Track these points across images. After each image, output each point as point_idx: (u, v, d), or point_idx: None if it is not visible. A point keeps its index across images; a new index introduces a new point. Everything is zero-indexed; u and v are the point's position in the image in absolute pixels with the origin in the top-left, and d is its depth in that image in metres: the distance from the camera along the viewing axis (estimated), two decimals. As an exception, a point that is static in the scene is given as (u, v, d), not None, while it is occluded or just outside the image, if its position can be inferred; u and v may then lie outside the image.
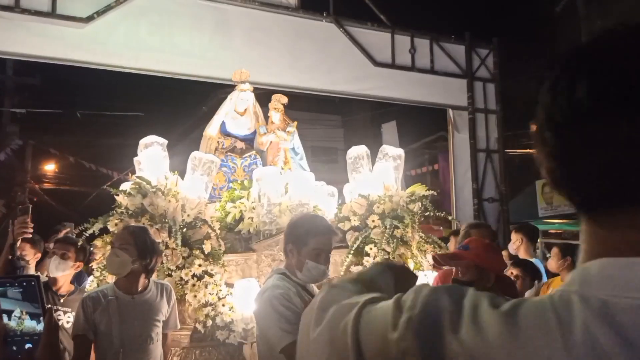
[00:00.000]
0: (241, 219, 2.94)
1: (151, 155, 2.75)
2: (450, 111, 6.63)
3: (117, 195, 2.73)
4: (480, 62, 6.59)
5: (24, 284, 0.96)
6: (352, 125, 12.68)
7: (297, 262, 1.89)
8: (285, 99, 3.44)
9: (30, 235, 2.50)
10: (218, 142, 3.37)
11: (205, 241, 2.63)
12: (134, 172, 2.82)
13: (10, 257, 2.42)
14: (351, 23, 6.06)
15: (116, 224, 2.61)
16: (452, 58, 6.46)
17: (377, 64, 6.14)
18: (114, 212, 2.68)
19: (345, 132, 13.04)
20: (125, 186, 2.75)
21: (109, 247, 2.62)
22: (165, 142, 2.84)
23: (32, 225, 2.45)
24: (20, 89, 10.87)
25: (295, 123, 3.49)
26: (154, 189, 2.67)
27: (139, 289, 2.13)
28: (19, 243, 2.47)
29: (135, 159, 2.84)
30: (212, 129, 3.36)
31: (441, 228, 7.97)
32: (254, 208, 2.89)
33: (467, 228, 2.51)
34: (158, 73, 5.48)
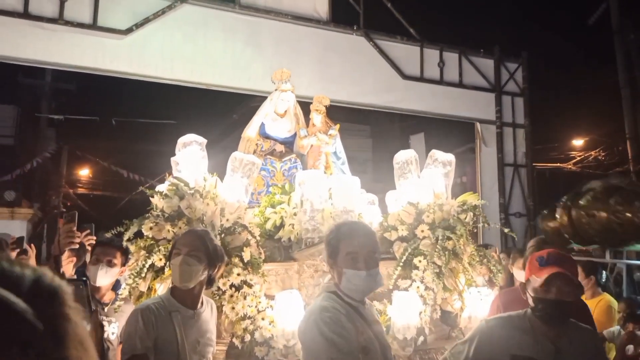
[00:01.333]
0: (281, 225, 2.61)
1: (189, 155, 2.47)
2: (477, 125, 6.33)
3: (152, 196, 2.45)
4: (509, 76, 6.29)
5: (72, 287, 0.88)
6: (381, 136, 12.01)
7: (338, 275, 1.55)
8: (327, 101, 3.13)
9: (77, 246, 2.18)
10: (257, 144, 3.06)
11: (244, 248, 2.32)
12: (170, 174, 2.54)
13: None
14: (380, 36, 5.85)
15: (151, 227, 2.32)
16: (480, 72, 6.17)
17: (405, 77, 5.89)
18: (149, 214, 2.40)
19: (374, 142, 12.40)
20: (162, 187, 2.47)
21: (142, 252, 2.34)
22: (205, 141, 2.54)
23: (78, 234, 2.15)
24: (58, 95, 10.92)
25: (338, 126, 3.16)
26: (192, 191, 2.38)
27: (198, 304, 1.77)
28: (65, 255, 2.18)
29: (172, 159, 2.55)
30: (251, 131, 3.06)
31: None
32: (295, 214, 2.57)
33: (540, 244, 2.10)
34: (191, 84, 5.34)
